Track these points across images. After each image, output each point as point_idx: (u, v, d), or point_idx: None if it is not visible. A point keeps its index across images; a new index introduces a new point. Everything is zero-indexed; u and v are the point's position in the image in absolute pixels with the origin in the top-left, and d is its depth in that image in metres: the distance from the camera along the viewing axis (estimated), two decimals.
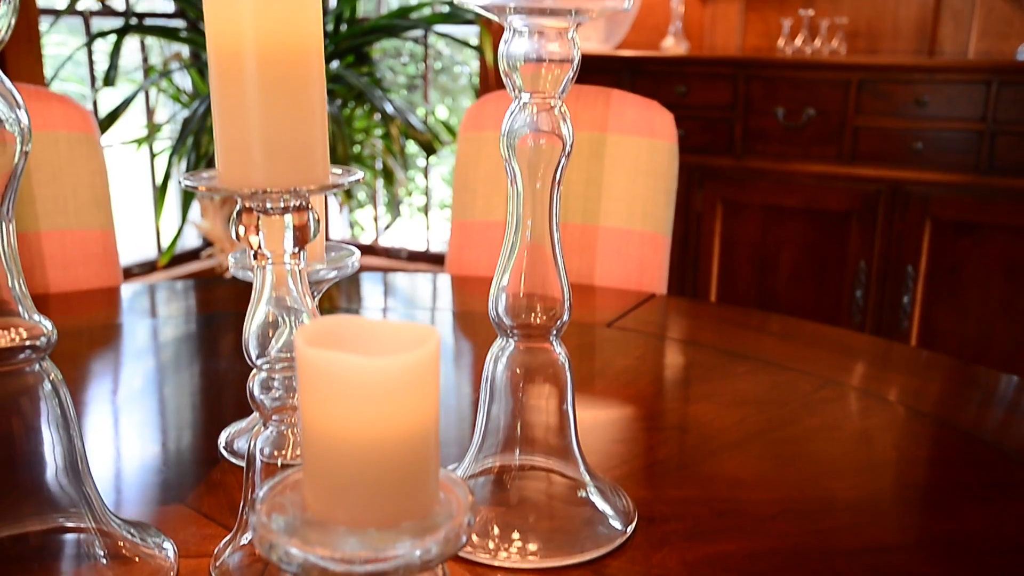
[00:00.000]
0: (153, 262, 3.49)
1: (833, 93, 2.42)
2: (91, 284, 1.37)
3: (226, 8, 0.54)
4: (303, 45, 0.55)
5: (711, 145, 2.57)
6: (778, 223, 2.54)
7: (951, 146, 2.31)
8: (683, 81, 2.57)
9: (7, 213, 0.54)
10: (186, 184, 0.56)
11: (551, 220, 0.69)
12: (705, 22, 2.97)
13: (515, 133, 0.67)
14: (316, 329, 0.42)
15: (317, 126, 0.57)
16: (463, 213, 1.57)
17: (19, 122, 0.56)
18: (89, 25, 3.15)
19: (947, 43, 2.70)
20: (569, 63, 0.66)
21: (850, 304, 2.47)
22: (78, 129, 1.37)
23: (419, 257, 3.90)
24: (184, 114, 3.15)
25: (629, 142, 1.52)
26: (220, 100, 0.56)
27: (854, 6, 2.78)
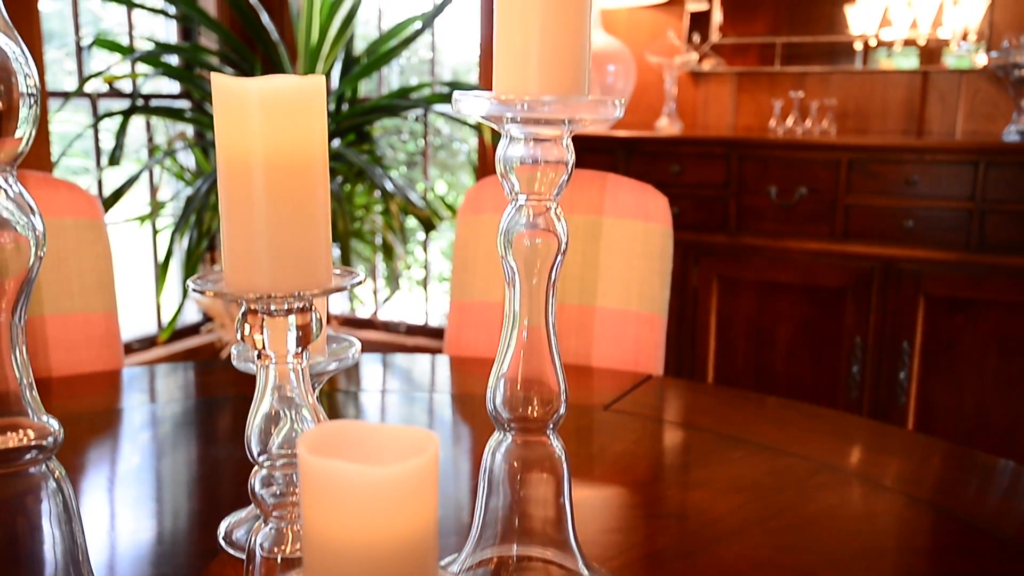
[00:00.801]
0: (153, 337, 3.50)
1: (824, 172, 2.46)
2: (93, 366, 1.39)
3: (235, 120, 0.57)
4: (309, 156, 0.57)
5: (706, 222, 2.61)
6: (774, 299, 2.56)
7: (942, 224, 2.35)
8: (677, 160, 2.62)
9: (20, 318, 0.56)
10: (194, 288, 0.58)
11: (547, 316, 0.71)
12: (698, 102, 3.04)
13: (512, 232, 0.70)
14: (318, 436, 0.43)
15: (321, 232, 0.59)
16: (462, 294, 1.59)
17: (34, 228, 0.58)
18: (96, 106, 3.22)
19: (935, 123, 2.76)
20: (564, 165, 0.69)
21: (847, 380, 2.48)
22: (84, 215, 1.40)
23: (418, 331, 3.91)
24: (187, 192, 3.20)
25: (625, 225, 1.55)
26: (228, 207, 0.58)
27: (843, 88, 2.85)
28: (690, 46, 3.00)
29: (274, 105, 0.56)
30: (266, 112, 0.56)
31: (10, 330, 0.56)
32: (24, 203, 0.57)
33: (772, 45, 2.93)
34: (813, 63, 2.88)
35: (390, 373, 1.42)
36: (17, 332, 0.56)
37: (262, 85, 0.56)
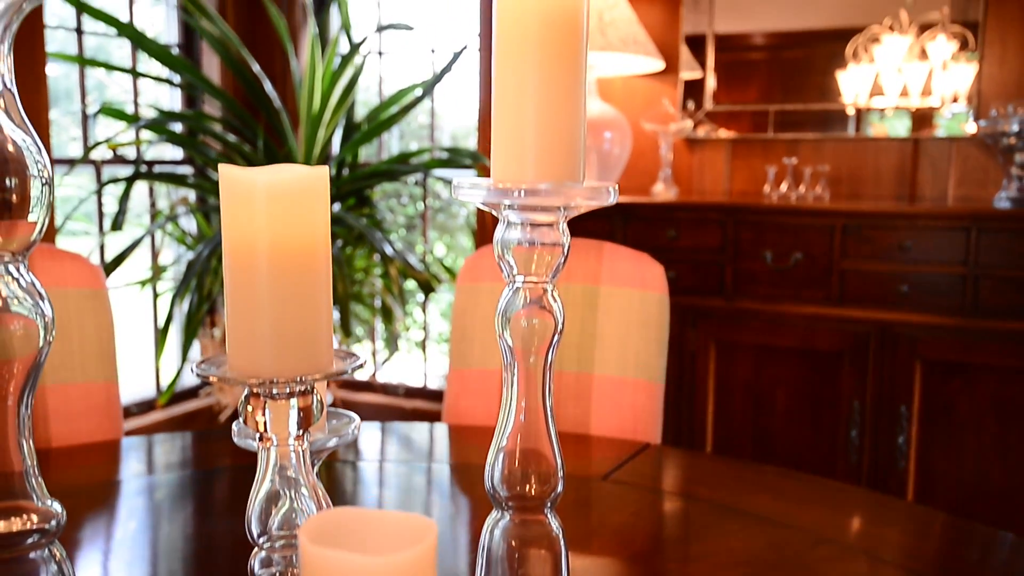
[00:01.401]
0: (152, 401, 3.49)
1: (819, 238, 2.49)
2: (93, 436, 1.39)
3: (242, 211, 0.58)
4: (312, 245, 0.59)
5: (702, 287, 2.63)
6: (771, 363, 2.57)
7: (936, 289, 2.37)
8: (673, 225, 2.66)
9: (27, 406, 0.57)
10: (198, 373, 0.60)
11: (544, 395, 0.72)
12: (693, 168, 3.08)
13: (509, 313, 0.71)
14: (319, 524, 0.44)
15: (323, 317, 0.61)
16: (460, 362, 1.60)
17: (43, 314, 0.60)
18: (100, 172, 3.27)
19: (926, 189, 2.80)
20: (560, 248, 0.71)
21: (846, 444, 2.48)
22: (87, 285, 1.42)
23: (416, 394, 3.91)
24: (188, 256, 3.23)
25: (622, 293, 1.57)
26: (233, 294, 0.59)
27: (836, 154, 2.89)
28: (685, 113, 3.05)
29: (279, 197, 0.58)
30: (271, 203, 0.58)
31: (17, 416, 0.57)
32: (35, 291, 0.59)
33: (765, 112, 2.99)
34: (806, 130, 2.93)
35: (389, 442, 1.43)
36: (24, 419, 0.57)
37: (268, 178, 0.58)
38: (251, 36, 3.66)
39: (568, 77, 0.67)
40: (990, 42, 2.72)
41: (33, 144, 0.57)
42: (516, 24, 0.66)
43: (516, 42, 0.66)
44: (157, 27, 3.86)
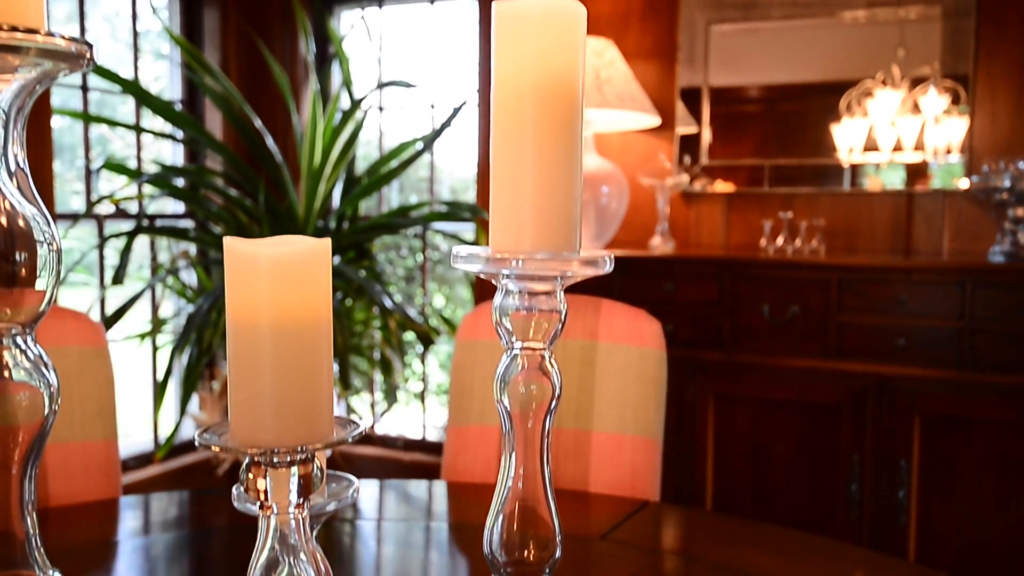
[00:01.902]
0: (150, 454, 3.48)
1: (815, 291, 2.51)
2: (91, 495, 1.39)
3: (245, 284, 0.60)
4: (314, 317, 0.60)
5: (700, 340, 2.64)
6: (770, 416, 2.57)
7: (933, 342, 2.38)
8: (671, 279, 2.67)
9: (30, 476, 0.58)
10: (200, 443, 0.60)
11: (543, 460, 0.73)
12: (690, 221, 3.11)
13: (507, 379, 0.72)
14: None
15: (324, 387, 0.62)
16: (459, 419, 1.61)
17: (49, 385, 0.61)
18: (103, 227, 3.29)
19: (921, 242, 2.83)
20: (557, 314, 0.72)
21: (846, 498, 2.47)
22: (89, 343, 1.43)
23: (415, 446, 3.89)
24: (189, 309, 3.24)
25: (619, 349, 1.58)
26: (235, 365, 0.61)
27: (831, 207, 2.92)
28: (681, 168, 3.09)
29: (282, 270, 0.59)
30: (274, 277, 0.59)
31: (21, 485, 0.58)
32: (41, 362, 0.60)
33: (761, 167, 3.03)
34: (801, 184, 2.97)
35: (387, 500, 1.42)
36: (28, 489, 0.58)
37: (271, 251, 0.59)
38: (254, 92, 3.72)
39: (564, 148, 0.69)
40: (981, 98, 2.76)
41: (43, 219, 0.59)
42: (513, 96, 0.68)
43: (513, 114, 0.69)
44: (161, 81, 3.92)
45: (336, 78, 3.82)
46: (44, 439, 0.60)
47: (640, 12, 3.16)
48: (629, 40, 3.15)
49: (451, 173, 4.58)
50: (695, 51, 3.08)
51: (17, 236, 0.57)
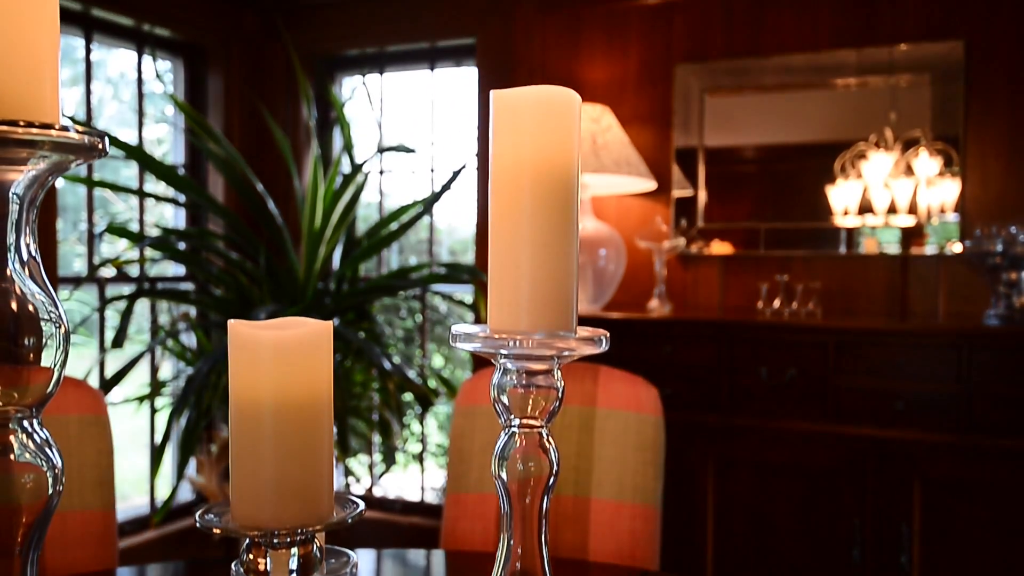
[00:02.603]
0: (146, 518, 3.45)
1: (813, 354, 2.52)
2: (88, 565, 1.38)
3: (248, 366, 0.61)
4: (315, 399, 0.61)
5: (699, 403, 2.64)
6: (770, 480, 2.56)
7: (932, 406, 2.38)
8: (669, 341, 2.69)
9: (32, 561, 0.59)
10: (201, 524, 0.61)
11: (540, 535, 0.73)
12: (687, 283, 3.14)
13: (505, 456, 0.73)
14: None
15: (324, 468, 0.63)
16: (458, 486, 1.60)
17: (53, 466, 0.62)
18: (104, 290, 3.31)
19: (917, 304, 2.85)
20: (555, 392, 0.73)
21: (848, 563, 2.45)
22: (89, 411, 1.43)
23: (414, 509, 3.86)
24: (188, 372, 3.24)
25: (618, 416, 1.58)
26: (237, 446, 0.62)
27: (827, 270, 2.95)
28: (678, 231, 3.13)
29: (285, 353, 0.61)
30: (277, 359, 0.60)
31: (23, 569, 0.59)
32: (47, 444, 0.61)
33: (756, 230, 3.06)
34: (797, 247, 3.00)
35: (385, 570, 1.42)
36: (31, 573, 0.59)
37: (274, 335, 0.61)
38: (256, 155, 3.77)
39: (560, 230, 0.70)
40: (971, 162, 2.81)
41: (52, 304, 0.61)
42: (511, 180, 0.70)
43: (511, 197, 0.70)
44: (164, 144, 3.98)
45: (337, 142, 3.88)
46: (47, 520, 0.61)
47: (636, 80, 3.22)
48: (626, 106, 3.21)
49: (450, 234, 4.62)
50: (690, 116, 3.13)
51: (26, 321, 0.59)
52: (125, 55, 3.74)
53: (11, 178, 0.59)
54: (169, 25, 3.54)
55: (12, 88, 0.56)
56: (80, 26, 3.30)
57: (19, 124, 0.55)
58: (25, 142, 0.56)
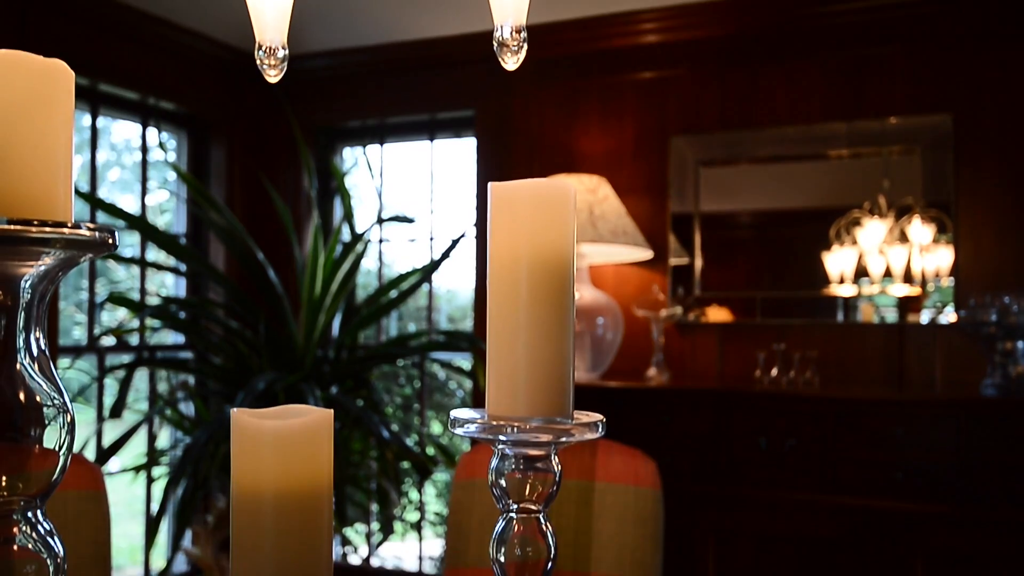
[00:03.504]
0: None
1: (811, 424, 2.52)
2: None
3: (249, 454, 0.62)
4: (315, 487, 0.62)
5: (698, 473, 2.63)
6: (770, 551, 2.54)
7: (931, 476, 2.38)
8: (668, 411, 2.69)
9: None
10: None
11: None
12: (685, 352, 3.15)
13: (503, 540, 0.74)
14: None
15: (324, 556, 0.63)
16: (456, 562, 1.59)
17: (56, 556, 0.62)
18: (103, 359, 3.32)
19: (914, 373, 2.85)
20: (552, 475, 0.74)
21: None
22: (87, 487, 1.43)
23: None
24: (186, 441, 3.23)
25: (616, 490, 1.58)
26: (238, 535, 0.62)
27: (824, 339, 2.96)
28: (675, 299, 3.15)
29: (286, 442, 0.62)
30: (278, 449, 0.62)
31: None
32: (50, 535, 0.62)
33: (753, 299, 3.08)
34: (793, 315, 3.02)
35: None
36: None
37: (275, 425, 0.62)
38: (257, 224, 3.81)
39: (556, 319, 0.72)
40: (963, 230, 2.84)
41: (58, 394, 0.62)
42: (508, 270, 0.72)
43: (508, 286, 0.72)
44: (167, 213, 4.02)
45: (338, 211, 3.93)
46: None
47: (632, 151, 3.28)
48: (622, 176, 3.26)
49: (449, 301, 4.64)
50: (685, 186, 3.18)
51: (33, 414, 0.60)
52: (130, 124, 3.80)
53: (22, 273, 0.61)
54: (174, 99, 3.61)
55: (27, 187, 0.59)
56: (87, 100, 3.37)
57: (33, 223, 0.57)
58: (38, 240, 0.58)
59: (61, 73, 0.60)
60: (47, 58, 0.59)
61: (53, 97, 0.59)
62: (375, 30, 3.61)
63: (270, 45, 0.93)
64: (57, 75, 0.59)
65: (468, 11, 3.28)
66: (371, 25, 3.57)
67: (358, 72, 3.80)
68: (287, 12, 0.95)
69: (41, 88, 0.58)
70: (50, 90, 0.59)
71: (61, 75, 0.60)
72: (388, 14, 3.47)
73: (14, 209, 0.58)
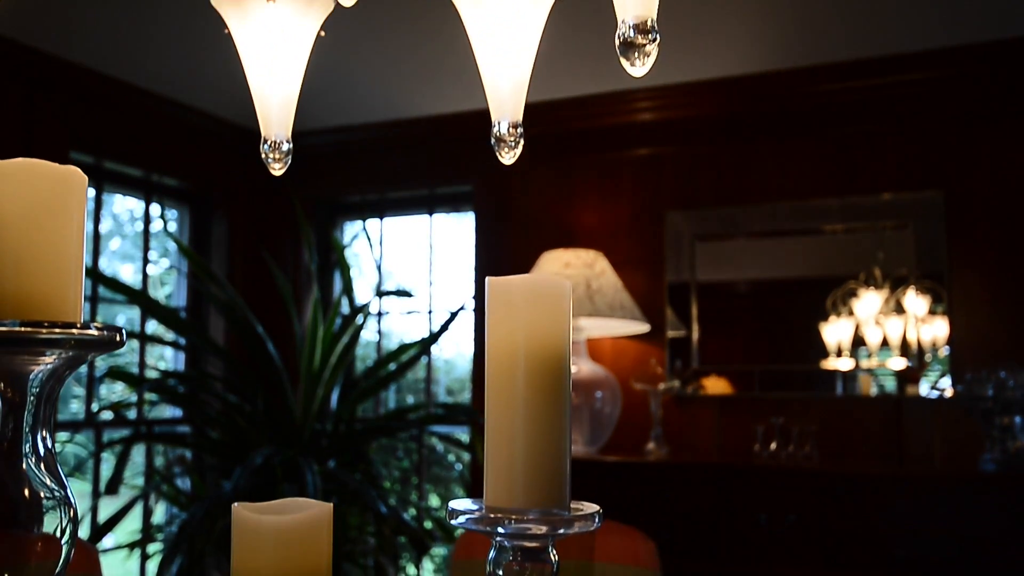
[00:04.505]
0: None
1: (811, 499, 2.50)
2: None
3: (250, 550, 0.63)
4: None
5: (697, 550, 2.60)
6: None
7: (932, 552, 2.35)
8: (666, 486, 2.67)
9: None
10: None
11: None
12: (684, 424, 3.14)
13: None
14: None
15: None
16: None
17: None
18: (101, 434, 3.31)
19: (913, 446, 2.85)
20: (550, 565, 0.75)
21: None
22: (83, 570, 1.42)
23: None
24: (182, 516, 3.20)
25: (615, 570, 1.57)
26: None
27: (822, 412, 2.96)
28: (672, 372, 3.15)
29: (285, 537, 0.63)
30: (278, 544, 0.62)
31: None
32: None
33: (751, 372, 3.09)
34: (792, 387, 3.02)
35: None
36: None
37: (275, 520, 0.63)
38: (257, 297, 3.83)
39: (553, 411, 0.73)
40: (957, 304, 2.87)
41: (62, 488, 0.63)
42: (506, 363, 0.74)
43: (506, 379, 0.74)
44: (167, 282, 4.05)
45: (337, 284, 3.95)
46: None
47: (628, 225, 3.33)
48: (618, 250, 3.30)
49: (448, 372, 4.64)
50: (681, 260, 3.22)
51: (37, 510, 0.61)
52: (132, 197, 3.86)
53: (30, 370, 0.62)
54: (176, 175, 3.67)
55: (40, 289, 0.61)
56: (92, 177, 3.42)
57: (43, 325, 0.59)
58: (48, 341, 0.59)
59: (75, 179, 0.62)
60: (63, 165, 0.62)
61: (67, 202, 0.61)
62: (375, 107, 3.69)
63: (275, 140, 0.96)
64: (71, 182, 0.62)
65: (466, 89, 3.36)
66: (371, 102, 3.65)
67: (358, 148, 3.87)
68: (292, 108, 0.99)
69: (57, 194, 0.61)
70: (65, 196, 0.61)
71: (75, 181, 0.62)
72: (388, 92, 3.56)
73: (26, 309, 0.60)
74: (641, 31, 0.73)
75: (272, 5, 0.91)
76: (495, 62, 0.91)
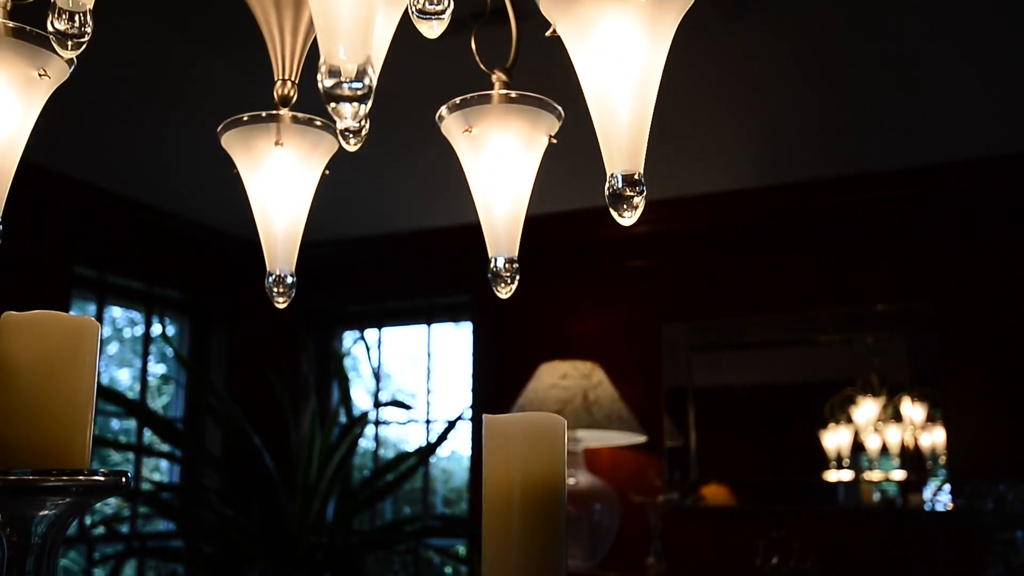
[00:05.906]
0: None
1: None
2: None
3: None
4: None
5: None
6: None
7: None
8: None
9: None
10: None
11: None
12: (684, 536, 3.10)
13: None
14: None
15: None
16: None
17: None
18: (93, 550, 3.25)
19: (916, 560, 2.80)
20: None
21: None
22: None
23: None
24: None
25: None
26: None
27: (823, 525, 2.92)
28: (671, 483, 3.13)
29: None
30: None
31: None
32: None
33: (750, 483, 3.07)
34: (792, 499, 2.99)
35: None
36: None
37: None
38: (254, 407, 3.82)
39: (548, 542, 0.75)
40: (953, 414, 2.87)
41: None
42: (502, 497, 0.75)
43: (502, 512, 0.75)
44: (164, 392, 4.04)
45: (335, 394, 3.95)
46: None
47: (625, 335, 3.36)
48: (615, 360, 3.32)
49: (445, 482, 4.59)
50: (678, 370, 3.23)
51: None
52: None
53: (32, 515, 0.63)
54: (177, 287, 3.72)
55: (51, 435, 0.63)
56: (94, 291, 3.46)
57: (52, 473, 0.61)
58: (55, 488, 0.61)
59: (88, 328, 0.65)
60: (77, 316, 0.65)
61: (80, 351, 0.64)
62: (375, 220, 3.76)
63: (279, 274, 1.00)
64: (85, 331, 0.65)
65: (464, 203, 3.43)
66: (370, 216, 3.73)
67: (357, 259, 3.93)
68: (296, 244, 1.03)
69: (71, 345, 0.63)
70: (78, 346, 0.64)
71: (88, 330, 0.65)
72: (386, 206, 3.64)
73: (35, 456, 0.62)
74: (629, 183, 0.77)
75: (280, 149, 0.96)
76: (491, 203, 0.96)
